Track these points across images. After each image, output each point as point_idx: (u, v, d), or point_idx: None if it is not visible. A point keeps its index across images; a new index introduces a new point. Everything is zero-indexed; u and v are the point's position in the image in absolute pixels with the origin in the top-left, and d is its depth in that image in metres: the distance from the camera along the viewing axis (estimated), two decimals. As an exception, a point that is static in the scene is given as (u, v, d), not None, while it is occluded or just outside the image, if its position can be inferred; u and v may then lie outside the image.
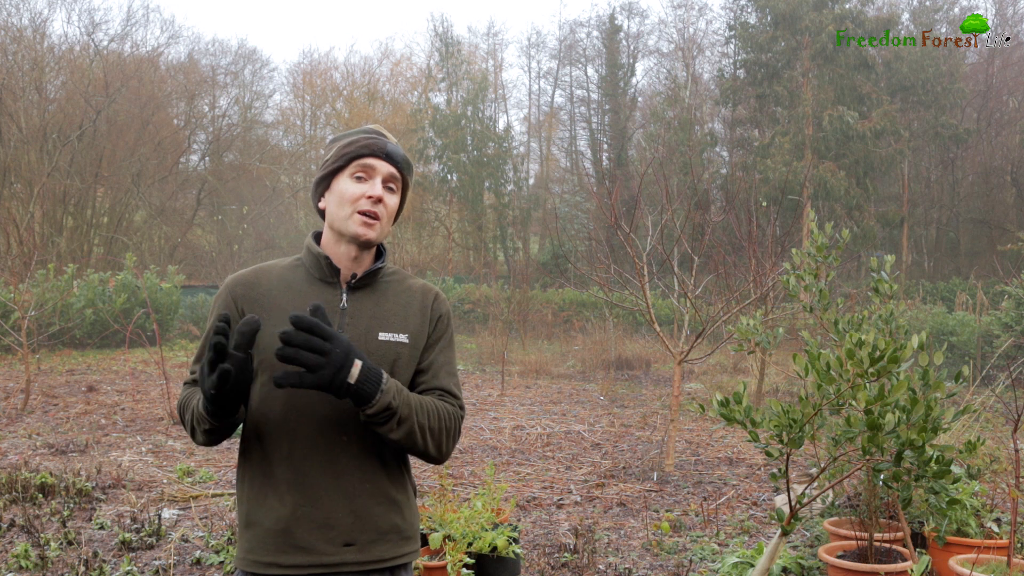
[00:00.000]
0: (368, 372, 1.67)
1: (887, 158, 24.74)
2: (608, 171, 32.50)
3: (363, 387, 1.66)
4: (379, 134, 1.93)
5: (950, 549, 4.31)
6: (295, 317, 1.59)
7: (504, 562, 4.23)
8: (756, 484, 6.89)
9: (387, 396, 1.70)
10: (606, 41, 34.03)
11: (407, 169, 1.94)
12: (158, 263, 23.77)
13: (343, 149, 1.88)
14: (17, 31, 25.87)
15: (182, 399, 1.88)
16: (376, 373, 1.69)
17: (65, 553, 4.68)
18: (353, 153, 1.87)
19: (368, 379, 1.67)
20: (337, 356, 1.62)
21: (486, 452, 8.02)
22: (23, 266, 14.35)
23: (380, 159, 1.88)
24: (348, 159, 1.87)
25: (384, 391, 1.70)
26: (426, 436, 1.80)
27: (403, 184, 1.94)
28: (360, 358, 1.67)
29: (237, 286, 1.88)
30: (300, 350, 1.59)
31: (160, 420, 9.23)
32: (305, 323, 1.59)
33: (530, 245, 32.88)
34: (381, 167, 1.88)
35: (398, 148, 1.92)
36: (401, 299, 1.92)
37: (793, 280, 4.48)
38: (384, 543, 1.83)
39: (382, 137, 1.92)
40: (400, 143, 2.00)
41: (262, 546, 1.79)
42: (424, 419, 1.79)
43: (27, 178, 24.41)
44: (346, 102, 34.16)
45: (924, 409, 2.67)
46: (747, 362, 13.85)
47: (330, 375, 1.61)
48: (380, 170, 1.88)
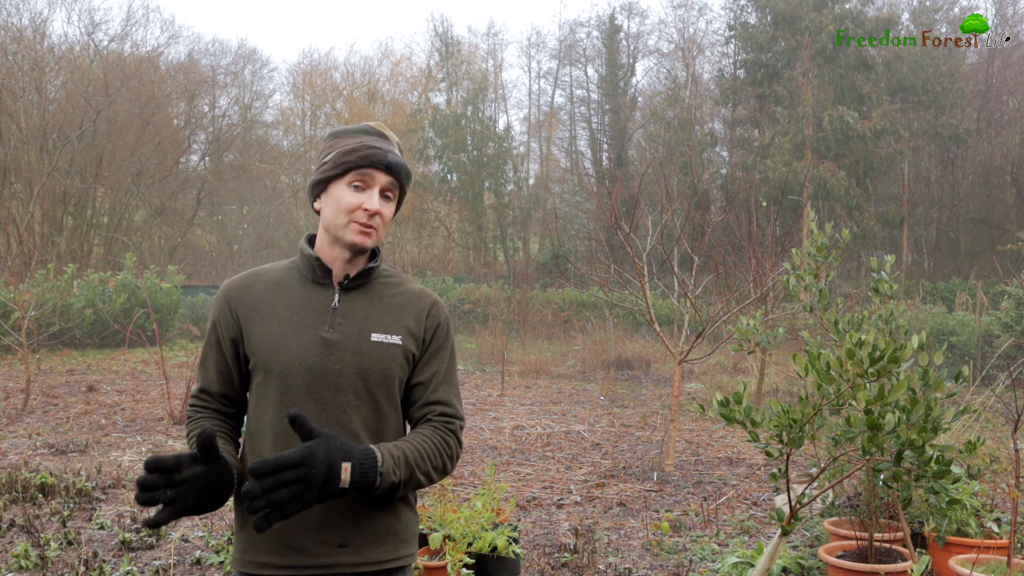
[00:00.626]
0: (361, 466, 1.63)
1: (887, 158, 24.74)
2: (608, 171, 32.49)
3: (361, 481, 1.64)
4: (380, 137, 1.90)
5: (950, 549, 4.31)
6: (251, 468, 1.52)
7: (504, 562, 4.23)
8: (756, 484, 6.89)
9: (387, 477, 1.68)
10: (606, 41, 34.03)
11: (406, 179, 1.91)
12: (158, 263, 23.77)
13: (342, 157, 1.84)
14: (17, 31, 25.88)
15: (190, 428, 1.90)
16: (370, 460, 1.65)
17: (65, 553, 4.68)
18: (352, 164, 1.83)
19: (364, 472, 1.64)
20: (316, 475, 1.55)
21: (486, 452, 8.02)
22: (23, 266, 14.36)
23: (380, 171, 1.84)
24: (346, 168, 1.84)
25: (383, 473, 1.67)
26: (431, 477, 1.81)
27: (400, 191, 1.92)
28: (348, 457, 1.61)
29: (231, 291, 1.89)
30: (269, 494, 1.53)
31: (160, 420, 9.23)
32: (267, 467, 1.53)
33: (530, 245, 32.88)
34: (380, 177, 1.85)
35: (399, 158, 1.88)
36: (396, 301, 1.91)
37: (793, 280, 4.48)
38: (380, 545, 1.82)
39: (384, 144, 1.88)
40: (400, 143, 1.98)
41: (257, 547, 1.79)
42: (426, 466, 1.78)
43: (27, 178, 24.42)
44: (346, 102, 34.16)
45: (924, 409, 2.67)
46: (747, 362, 13.85)
47: (315, 496, 1.57)
48: (378, 180, 1.85)
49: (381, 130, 1.92)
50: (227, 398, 1.91)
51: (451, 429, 1.87)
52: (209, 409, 1.91)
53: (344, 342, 1.82)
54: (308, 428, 1.60)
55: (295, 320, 1.83)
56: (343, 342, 1.82)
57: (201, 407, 1.91)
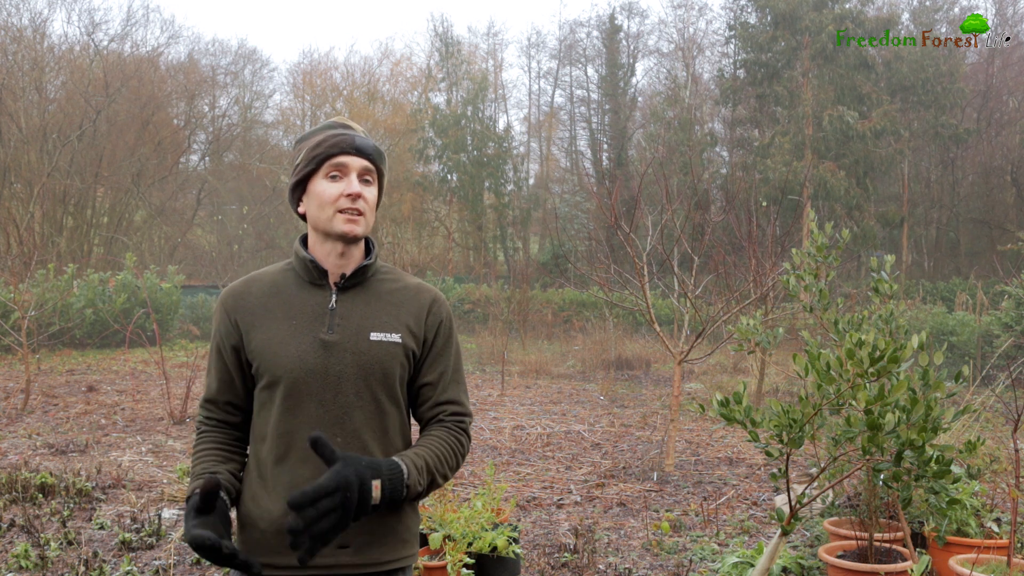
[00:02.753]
0: (390, 482, 1.67)
1: (887, 158, 24.73)
2: (608, 171, 32.48)
3: (391, 496, 1.67)
4: (344, 127, 1.89)
5: (950, 549, 4.31)
6: (291, 502, 1.54)
7: (504, 562, 4.23)
8: (756, 484, 6.89)
9: (413, 488, 1.72)
10: (606, 41, 34.02)
11: (380, 159, 1.90)
12: (158, 263, 23.76)
13: (311, 152, 1.85)
14: (17, 31, 25.88)
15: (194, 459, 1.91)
16: (397, 475, 1.69)
17: (65, 553, 4.68)
18: (323, 154, 1.83)
19: (393, 487, 1.67)
20: (352, 498, 1.58)
21: (486, 452, 8.02)
22: (23, 266, 14.37)
23: (351, 155, 1.84)
24: (319, 161, 1.84)
25: (409, 486, 1.71)
26: (447, 477, 1.84)
27: (378, 174, 1.91)
28: (376, 475, 1.64)
29: (228, 299, 1.90)
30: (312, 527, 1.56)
31: (160, 420, 9.23)
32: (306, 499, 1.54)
33: (530, 245, 32.87)
34: (353, 163, 1.84)
35: (366, 140, 1.88)
36: (394, 298, 1.91)
37: (793, 280, 4.48)
38: (380, 546, 1.82)
39: (348, 130, 1.88)
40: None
41: (257, 546, 1.80)
42: (444, 469, 1.82)
43: (27, 178, 24.41)
44: (346, 102, 34.13)
45: (924, 409, 2.67)
46: (747, 362, 13.85)
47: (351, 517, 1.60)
48: (353, 166, 1.84)
49: (344, 122, 1.91)
50: (232, 405, 1.91)
51: (462, 428, 1.91)
52: (214, 419, 1.92)
53: (343, 343, 1.82)
54: (331, 451, 1.61)
55: (293, 323, 1.83)
56: (342, 343, 1.82)
57: (207, 418, 1.93)
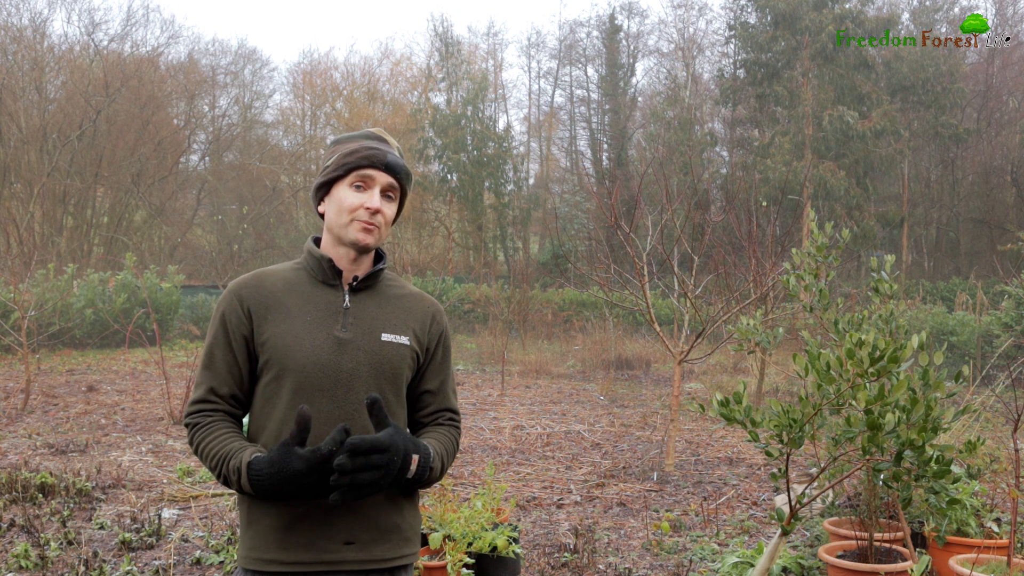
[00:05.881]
0: (424, 460, 1.77)
1: (887, 158, 24.74)
2: (608, 171, 32.49)
3: (420, 474, 1.76)
4: (380, 140, 1.94)
5: (950, 549, 4.31)
6: (351, 444, 1.62)
7: (504, 562, 4.23)
8: (756, 484, 6.89)
9: (435, 472, 1.82)
10: (606, 41, 34.04)
11: (406, 179, 1.96)
12: (158, 263, 23.76)
13: (343, 159, 1.89)
14: (17, 31, 25.89)
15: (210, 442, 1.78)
16: (427, 455, 1.78)
17: (65, 553, 4.68)
18: (353, 164, 1.88)
19: (424, 466, 1.77)
20: (396, 462, 1.67)
21: (486, 452, 8.02)
22: (23, 266, 14.38)
23: (380, 170, 1.89)
24: (348, 169, 1.89)
25: (432, 468, 1.80)
26: (445, 471, 1.92)
27: (401, 192, 1.97)
28: (416, 450, 1.74)
29: (242, 288, 1.89)
30: (356, 474, 1.63)
31: (160, 420, 9.23)
32: (363, 446, 1.62)
33: (530, 245, 32.88)
34: (381, 178, 1.90)
35: (398, 159, 1.93)
36: (403, 303, 1.97)
37: (793, 280, 4.48)
38: (384, 543, 1.84)
39: (383, 146, 1.93)
40: (400, 143, 2.02)
41: (264, 543, 1.80)
42: (447, 462, 1.92)
43: (27, 178, 24.43)
44: (346, 102, 34.14)
45: (924, 409, 2.67)
46: (747, 362, 13.85)
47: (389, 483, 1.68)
48: (379, 180, 1.89)
49: (381, 135, 1.97)
50: (236, 399, 1.86)
51: (457, 427, 2.03)
52: (220, 412, 1.84)
53: (356, 341, 1.85)
54: (385, 415, 1.70)
55: (308, 319, 1.85)
56: (355, 341, 1.85)
57: (211, 411, 1.83)
